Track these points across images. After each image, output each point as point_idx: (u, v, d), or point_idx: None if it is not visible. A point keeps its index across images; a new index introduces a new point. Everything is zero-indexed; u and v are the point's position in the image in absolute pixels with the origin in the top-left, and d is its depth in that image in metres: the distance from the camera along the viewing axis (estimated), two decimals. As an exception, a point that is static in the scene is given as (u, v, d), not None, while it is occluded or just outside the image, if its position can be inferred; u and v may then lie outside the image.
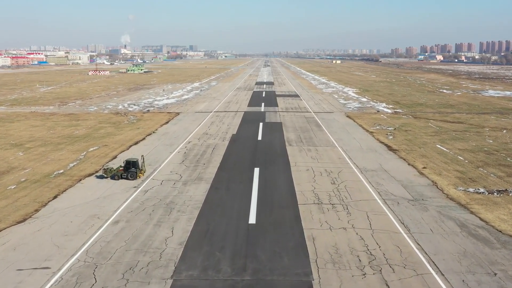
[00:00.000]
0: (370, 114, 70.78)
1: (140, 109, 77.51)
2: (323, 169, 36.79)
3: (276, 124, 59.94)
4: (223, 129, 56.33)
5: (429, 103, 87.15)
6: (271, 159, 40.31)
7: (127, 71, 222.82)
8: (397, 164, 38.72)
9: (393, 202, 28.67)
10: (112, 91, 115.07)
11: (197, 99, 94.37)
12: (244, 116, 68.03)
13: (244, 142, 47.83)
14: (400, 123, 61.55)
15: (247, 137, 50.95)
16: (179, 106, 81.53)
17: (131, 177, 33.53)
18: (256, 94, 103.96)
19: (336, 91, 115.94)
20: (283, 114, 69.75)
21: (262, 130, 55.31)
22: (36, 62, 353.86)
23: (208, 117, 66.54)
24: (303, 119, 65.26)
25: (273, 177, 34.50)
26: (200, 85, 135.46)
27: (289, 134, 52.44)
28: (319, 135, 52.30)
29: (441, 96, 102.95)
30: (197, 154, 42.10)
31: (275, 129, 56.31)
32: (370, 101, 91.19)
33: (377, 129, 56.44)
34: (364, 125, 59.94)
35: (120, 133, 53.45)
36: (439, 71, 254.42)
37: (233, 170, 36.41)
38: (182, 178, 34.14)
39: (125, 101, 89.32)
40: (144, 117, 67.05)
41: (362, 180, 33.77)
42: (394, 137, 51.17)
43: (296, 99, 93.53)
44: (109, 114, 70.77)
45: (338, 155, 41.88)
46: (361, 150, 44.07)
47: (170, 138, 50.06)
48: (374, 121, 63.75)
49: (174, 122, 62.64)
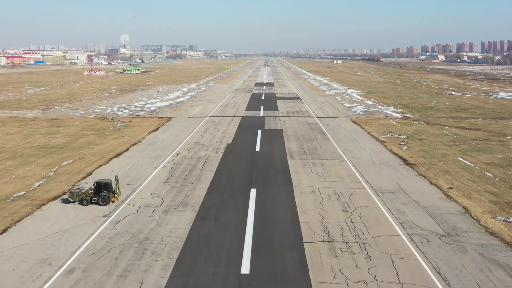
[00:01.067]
0: (378, 120, 65.17)
1: (130, 113, 71.95)
2: (331, 190, 31.20)
3: (276, 132, 54.36)
4: (217, 137, 50.74)
5: (439, 107, 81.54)
6: (270, 176, 34.73)
7: (123, 71, 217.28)
8: (418, 184, 33.13)
9: (422, 239, 23.08)
10: (104, 92, 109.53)
11: (192, 102, 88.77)
12: (242, 121, 62.42)
13: (240, 154, 42.25)
14: (412, 130, 55.96)
15: (243, 147, 45.37)
16: (172, 110, 75.93)
17: (102, 202, 27.99)
18: (255, 97, 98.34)
19: (339, 93, 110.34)
20: (284, 120, 64.14)
21: (260, 139, 49.72)
22: (33, 62, 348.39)
23: (202, 123, 60.94)
24: (306, 125, 59.67)
25: (272, 201, 28.93)
26: (197, 86, 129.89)
27: (291, 144, 46.86)
28: (324, 145, 46.71)
29: (451, 98, 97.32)
30: (185, 170, 36.52)
31: (275, 137, 50.74)
32: (376, 104, 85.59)
33: (388, 138, 50.86)
34: (373, 132, 54.35)
35: (102, 142, 47.87)
36: (443, 71, 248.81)
37: (225, 192, 30.84)
38: (164, 203, 28.55)
39: (115, 104, 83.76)
40: (132, 123, 61.47)
41: (379, 205, 28.18)
42: (409, 148, 45.58)
43: (297, 102, 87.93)
44: (95, 119, 65.19)
45: (347, 171, 36.29)
46: (374, 165, 38.48)
47: (157, 149, 44.47)
48: (384, 127, 58.17)
49: (165, 128, 57.06)
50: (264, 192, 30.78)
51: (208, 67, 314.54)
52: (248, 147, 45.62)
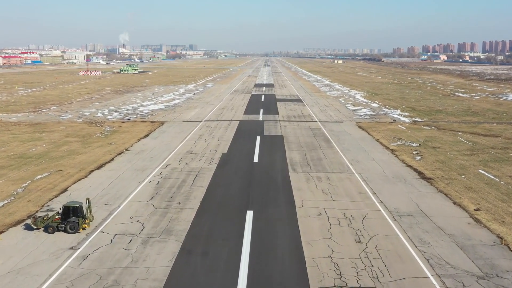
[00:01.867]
0: (385, 124, 60.81)
1: (121, 116, 67.63)
2: (340, 212, 26.89)
3: (276, 139, 50.02)
4: (212, 145, 46.41)
5: (449, 110, 77.20)
6: (270, 195, 30.40)
7: (121, 72, 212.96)
8: (439, 204, 28.80)
9: (456, 283, 18.78)
10: (97, 94, 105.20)
11: (188, 104, 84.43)
12: (239, 127, 58.08)
13: (236, 166, 37.91)
14: (423, 137, 51.64)
15: (240, 158, 41.03)
16: (166, 113, 71.58)
17: (71, 230, 23.71)
18: (255, 99, 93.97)
19: (342, 94, 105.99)
20: (285, 125, 59.78)
21: (259, 147, 45.36)
22: (30, 61, 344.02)
23: (197, 128, 56.60)
24: (309, 131, 55.32)
25: (272, 228, 24.62)
26: (194, 88, 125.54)
27: (293, 154, 42.52)
28: (330, 154, 42.38)
29: (459, 101, 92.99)
30: (173, 186, 32.20)
31: (275, 145, 46.40)
32: (381, 107, 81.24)
33: (398, 146, 46.53)
34: (381, 139, 50.02)
35: (86, 151, 43.54)
36: (446, 71, 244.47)
37: (217, 215, 26.51)
38: (145, 229, 24.24)
39: (106, 107, 79.44)
40: (122, 128, 57.15)
41: (398, 233, 23.87)
42: (423, 158, 41.25)
43: (298, 105, 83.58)
44: (83, 123, 60.86)
45: (357, 188, 31.97)
46: (386, 179, 34.17)
47: (144, 159, 40.14)
48: (392, 133, 53.85)
49: (156, 135, 52.73)
50: (263, 215, 26.45)
51: (208, 67, 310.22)
52: (245, 157, 41.29)
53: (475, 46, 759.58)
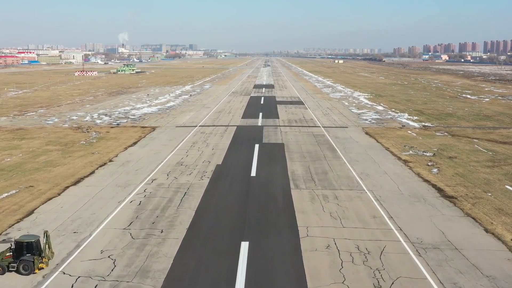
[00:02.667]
0: (394, 130, 56.41)
1: (111, 121, 63.27)
2: (353, 244, 22.52)
3: (276, 147, 45.60)
4: (205, 155, 42.02)
5: (459, 113, 72.81)
6: (269, 219, 26.01)
7: (117, 72, 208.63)
8: (469, 232, 24.42)
9: None
10: (89, 95, 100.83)
11: (183, 107, 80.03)
12: (236, 133, 53.69)
13: (231, 182, 33.51)
14: (437, 145, 47.25)
15: (236, 171, 36.62)
16: (159, 117, 67.19)
17: (24, 270, 19.37)
18: (254, 101, 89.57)
19: (345, 96, 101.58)
20: (286, 130, 55.38)
21: (257, 158, 40.95)
22: (27, 61, 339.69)
23: (191, 135, 52.22)
24: (311, 138, 50.92)
25: (271, 267, 20.24)
26: (191, 89, 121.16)
27: (295, 166, 38.10)
28: (336, 166, 37.98)
29: (468, 103, 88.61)
30: (157, 207, 27.82)
31: (275, 155, 41.98)
32: (387, 110, 76.83)
33: (411, 156, 42.13)
34: (391, 148, 45.62)
35: (64, 162, 39.17)
36: (449, 72, 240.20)
37: (205, 248, 22.12)
38: (116, 269, 19.87)
39: (97, 110, 75.07)
40: (109, 134, 52.78)
41: (426, 275, 19.51)
42: (440, 171, 36.86)
43: (300, 107, 79.19)
44: (68, 129, 56.51)
45: (370, 210, 27.59)
46: (402, 198, 29.79)
47: (128, 173, 35.76)
48: (403, 140, 49.46)
49: (145, 142, 48.34)
50: (260, 248, 22.08)
51: (207, 67, 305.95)
52: (242, 169, 36.88)
53: (476, 46, 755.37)
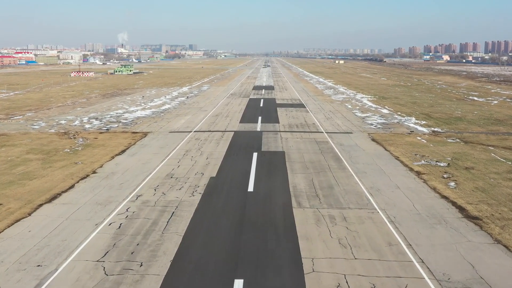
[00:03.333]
0: (402, 136, 52.76)
1: (101, 125, 59.66)
2: (367, 283, 18.85)
3: (276, 156, 41.92)
4: (199, 165, 38.37)
5: (468, 117, 69.19)
6: (268, 247, 22.34)
7: (115, 72, 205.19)
8: (503, 264, 20.75)
9: None
10: (82, 97, 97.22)
11: (179, 110, 76.40)
12: (234, 139, 50.04)
13: (225, 199, 29.85)
14: (451, 153, 43.60)
15: (231, 185, 32.96)
16: (153, 121, 63.55)
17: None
18: (253, 103, 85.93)
19: (347, 98, 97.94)
20: (286, 137, 51.71)
21: (255, 168, 37.27)
22: (24, 61, 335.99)
23: (184, 142, 48.57)
24: (314, 145, 47.26)
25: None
26: (189, 90, 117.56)
27: (297, 178, 34.44)
28: (342, 179, 34.33)
29: (477, 106, 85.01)
30: (139, 232, 24.16)
31: (275, 166, 38.31)
32: (393, 113, 73.20)
33: (424, 166, 38.49)
34: (401, 157, 41.96)
35: (43, 174, 35.52)
36: (452, 72, 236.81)
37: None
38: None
39: (88, 113, 71.45)
40: (97, 141, 49.15)
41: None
42: (458, 185, 33.21)
43: (301, 111, 75.54)
44: (54, 135, 52.88)
45: (385, 235, 23.95)
46: (420, 220, 26.13)
47: (111, 187, 32.11)
48: (412, 148, 45.81)
49: (135, 150, 44.69)
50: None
51: (206, 67, 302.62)
52: (238, 183, 33.21)
53: (477, 46, 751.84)
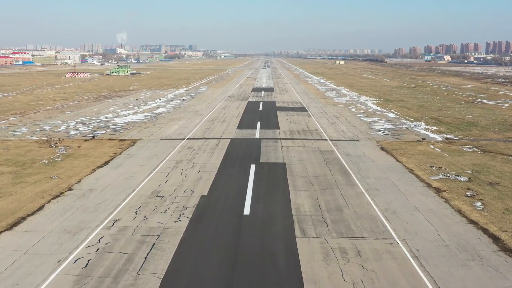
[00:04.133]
0: (413, 144, 48.42)
1: (88, 131, 55.36)
2: None
3: (276, 169, 37.56)
4: (189, 180, 34.03)
5: (481, 122, 64.87)
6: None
7: (111, 73, 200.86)
8: None
9: None
10: (74, 100, 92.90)
11: (173, 114, 72.07)
12: (230, 148, 45.68)
13: (217, 226, 25.49)
14: (469, 165, 39.27)
15: (225, 206, 28.59)
16: (144, 126, 59.21)
17: None
18: (251, 107, 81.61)
19: (351, 101, 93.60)
20: (288, 145, 47.34)
21: (253, 185, 32.89)
22: (21, 62, 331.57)
23: (175, 151, 44.22)
24: (318, 155, 42.89)
25: None
26: (186, 92, 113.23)
27: (300, 198, 30.09)
28: (352, 198, 29.99)
29: (487, 109, 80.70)
30: (109, 273, 19.80)
31: (275, 181, 33.96)
32: (400, 117, 68.86)
33: (443, 181, 34.16)
34: (416, 169, 37.62)
35: (11, 192, 31.16)
36: (455, 73, 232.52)
37: None
38: None
39: (76, 117, 67.13)
40: (80, 150, 44.82)
41: None
42: (485, 205, 28.87)
43: (303, 115, 71.22)
44: (34, 143, 48.54)
45: (410, 278, 19.56)
46: (449, 254, 21.77)
47: (86, 209, 27.77)
48: (427, 159, 41.47)
49: (120, 161, 40.34)
50: None
51: (205, 68, 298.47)
52: (232, 204, 28.86)
53: (478, 47, 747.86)
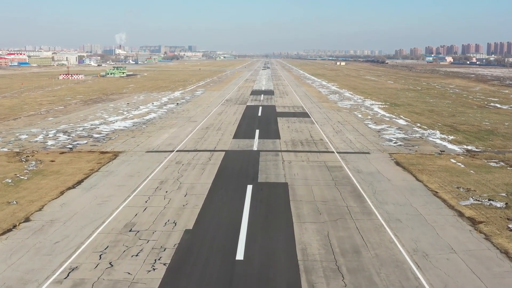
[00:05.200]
0: (432, 158, 42.76)
1: (67, 141, 49.78)
2: None
3: (277, 192, 31.89)
4: (172, 207, 28.40)
5: (501, 130, 59.27)
6: None
7: (106, 75, 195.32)
8: None
9: None
10: (61, 104, 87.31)
11: (164, 120, 66.45)
12: (224, 163, 40.01)
13: (201, 277, 19.83)
14: (501, 184, 33.64)
15: (212, 246, 22.90)
16: (131, 136, 53.59)
17: None
18: (250, 112, 75.99)
19: (355, 105, 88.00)
20: (290, 159, 41.65)
21: (249, 215, 27.20)
22: (16, 63, 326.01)
23: (161, 167, 38.55)
24: (325, 172, 37.21)
25: None
26: (181, 95, 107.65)
27: (307, 233, 24.40)
28: (370, 233, 24.34)
29: (503, 115, 75.13)
30: None
31: (275, 210, 28.28)
32: (411, 124, 63.24)
33: (475, 208, 28.52)
34: (441, 191, 31.99)
35: (-46, 224, 25.53)
36: (460, 75, 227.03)
37: None
38: None
39: (58, 124, 61.53)
40: (53, 165, 39.20)
41: None
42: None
43: (305, 121, 65.60)
44: (3, 155, 42.90)
45: None
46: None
47: (39, 251, 22.12)
48: (451, 177, 35.84)
49: (95, 180, 34.68)
50: None
51: (204, 69, 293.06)
52: (223, 243, 23.19)
53: (479, 48, 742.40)
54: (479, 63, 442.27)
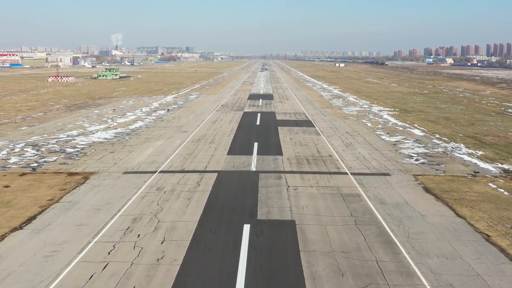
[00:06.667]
0: (466, 182, 35.54)
1: (33, 159, 42.43)
2: None
3: (282, 235, 24.60)
4: (142, 263, 21.10)
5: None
6: None
7: (98, 77, 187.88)
8: None
9: None
10: (41, 110, 79.93)
11: (151, 130, 59.13)
12: (215, 190, 32.70)
13: None
14: None
15: None
16: (109, 150, 46.25)
17: None
18: (247, 120, 68.71)
19: (362, 111, 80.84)
20: (295, 184, 34.33)
21: (245, 279, 19.97)
22: (8, 64, 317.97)
23: (137, 197, 31.24)
24: (341, 203, 29.97)
25: None
26: (173, 100, 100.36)
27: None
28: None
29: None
30: None
31: (281, 269, 21.02)
32: (430, 136, 56.08)
33: (549, 264, 21.34)
34: (493, 235, 24.81)
35: None
36: (463, 77, 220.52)
37: None
38: None
39: (30, 136, 54.19)
40: (7, 192, 31.90)
41: None
42: None
43: (309, 132, 58.37)
44: (-51, 179, 35.52)
45: None
46: None
47: None
48: (496, 210, 28.66)
49: (50, 216, 27.36)
50: None
51: (200, 70, 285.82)
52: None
53: (479, 49, 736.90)
54: (481, 65, 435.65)
